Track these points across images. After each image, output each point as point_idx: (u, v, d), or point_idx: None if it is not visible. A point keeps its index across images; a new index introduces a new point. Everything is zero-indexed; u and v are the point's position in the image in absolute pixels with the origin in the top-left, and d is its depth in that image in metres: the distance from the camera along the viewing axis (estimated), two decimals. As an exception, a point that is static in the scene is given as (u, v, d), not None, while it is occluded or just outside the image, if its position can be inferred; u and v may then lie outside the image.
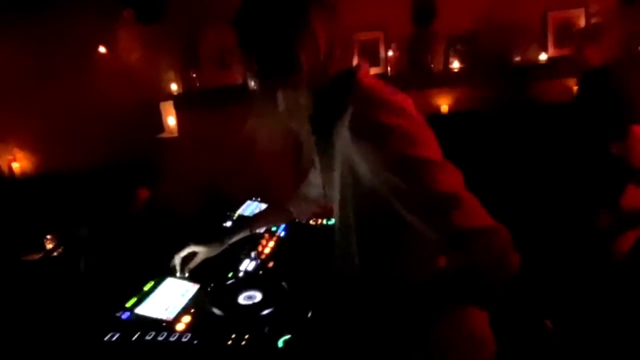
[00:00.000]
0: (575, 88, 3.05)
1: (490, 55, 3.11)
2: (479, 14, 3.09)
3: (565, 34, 3.03)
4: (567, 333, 2.06)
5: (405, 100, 0.92)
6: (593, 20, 2.98)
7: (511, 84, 3.10)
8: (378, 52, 3.20)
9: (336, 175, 1.00)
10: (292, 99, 0.97)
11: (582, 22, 3.00)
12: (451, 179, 0.83)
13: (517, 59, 3.10)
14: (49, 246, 2.31)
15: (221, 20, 3.37)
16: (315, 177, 1.34)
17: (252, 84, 1.02)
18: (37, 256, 2.16)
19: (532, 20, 3.06)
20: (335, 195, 1.02)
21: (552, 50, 3.06)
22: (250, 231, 1.48)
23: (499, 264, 0.81)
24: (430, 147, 0.87)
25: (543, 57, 3.07)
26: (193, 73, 3.47)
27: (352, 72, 0.97)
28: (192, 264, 1.39)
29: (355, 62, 1.04)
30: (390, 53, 3.18)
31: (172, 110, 3.53)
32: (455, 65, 3.17)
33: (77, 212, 2.24)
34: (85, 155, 3.32)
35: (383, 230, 0.96)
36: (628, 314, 1.92)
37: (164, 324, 1.18)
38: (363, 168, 0.90)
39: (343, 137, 0.92)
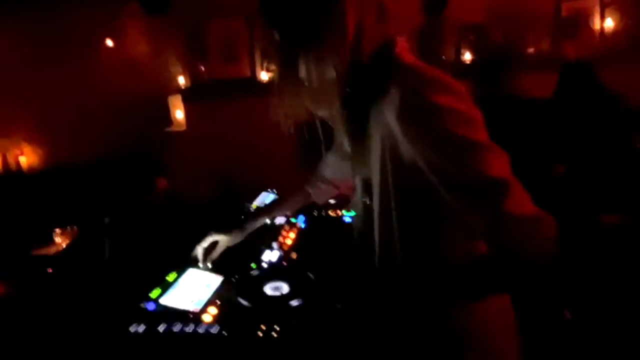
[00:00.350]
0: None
1: (502, 46, 3.07)
2: (490, 3, 3.06)
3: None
4: (586, 322, 2.04)
5: (454, 80, 0.86)
6: (607, 10, 2.95)
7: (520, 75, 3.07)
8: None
9: (374, 157, 0.95)
10: (318, 73, 0.89)
11: (596, 13, 2.96)
12: (502, 165, 0.79)
13: (530, 50, 3.06)
14: (62, 239, 2.29)
15: (228, 12, 3.34)
16: (331, 159, 1.30)
17: (271, 68, 0.94)
18: (49, 250, 2.14)
19: (545, 11, 3.03)
20: (374, 177, 0.97)
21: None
22: (270, 218, 1.45)
23: (543, 252, 0.79)
24: (481, 130, 0.83)
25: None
26: (201, 66, 3.44)
27: (389, 47, 0.91)
28: (215, 254, 1.37)
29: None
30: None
31: (180, 104, 3.50)
32: (467, 57, 3.14)
33: (90, 203, 2.21)
34: (92, 148, 3.31)
35: (424, 213, 0.92)
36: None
37: (190, 315, 1.16)
38: (406, 148, 0.85)
39: (386, 117, 0.86)
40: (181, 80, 3.49)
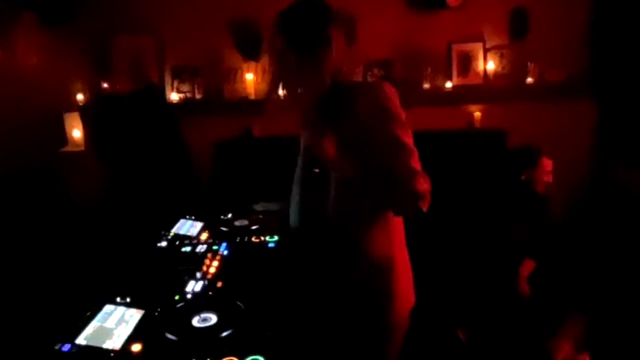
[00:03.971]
0: (476, 114, 3.41)
1: (403, 81, 3.35)
2: (393, 41, 3.33)
3: (467, 65, 3.39)
4: (480, 343, 2.24)
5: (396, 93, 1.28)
6: (489, 53, 3.37)
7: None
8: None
9: (340, 141, 1.25)
10: (306, 77, 1.29)
11: (480, 55, 3.37)
12: (416, 160, 1.21)
13: (427, 85, 3.37)
14: None
15: (136, 27, 3.22)
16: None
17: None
18: None
19: (439, 52, 3.37)
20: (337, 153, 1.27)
21: (456, 79, 3.39)
22: None
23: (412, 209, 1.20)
24: (410, 134, 1.24)
25: (448, 85, 3.38)
26: (104, 83, 3.25)
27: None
28: None
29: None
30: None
31: (79, 122, 3.26)
32: (372, 88, 3.36)
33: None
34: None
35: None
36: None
37: (111, 354, 1.09)
38: (364, 134, 1.23)
39: (353, 113, 1.24)
40: (80, 97, 3.26)
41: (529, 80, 3.36)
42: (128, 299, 1.31)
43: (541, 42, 3.32)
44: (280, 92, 1.37)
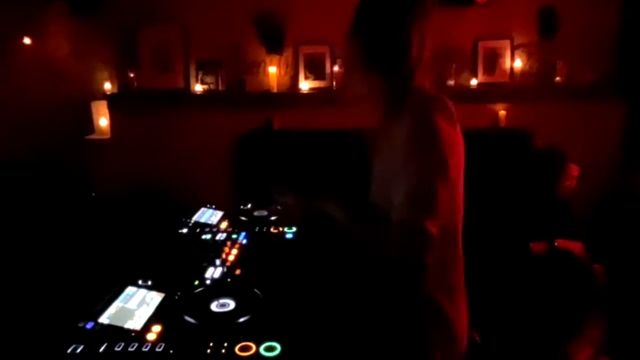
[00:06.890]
0: (501, 113, 3.36)
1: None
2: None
3: (493, 62, 3.34)
4: (496, 345, 2.21)
5: (451, 106, 1.16)
6: (517, 52, 3.31)
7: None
8: (324, 67, 3.28)
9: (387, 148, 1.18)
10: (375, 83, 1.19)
11: (507, 53, 3.32)
12: (445, 194, 1.04)
13: (451, 82, 3.33)
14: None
15: (163, 18, 3.26)
16: None
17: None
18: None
19: (465, 48, 3.33)
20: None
21: (481, 77, 3.34)
22: None
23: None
24: (456, 153, 1.12)
25: (474, 82, 3.34)
26: (131, 73, 3.30)
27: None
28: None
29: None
30: (335, 68, 3.28)
31: (105, 111, 3.33)
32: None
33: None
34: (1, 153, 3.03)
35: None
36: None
37: (132, 334, 1.13)
38: (404, 143, 1.09)
39: (403, 125, 1.11)
40: (107, 86, 3.33)
41: (557, 79, 3.29)
42: (149, 282, 1.35)
43: (570, 41, 3.24)
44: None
